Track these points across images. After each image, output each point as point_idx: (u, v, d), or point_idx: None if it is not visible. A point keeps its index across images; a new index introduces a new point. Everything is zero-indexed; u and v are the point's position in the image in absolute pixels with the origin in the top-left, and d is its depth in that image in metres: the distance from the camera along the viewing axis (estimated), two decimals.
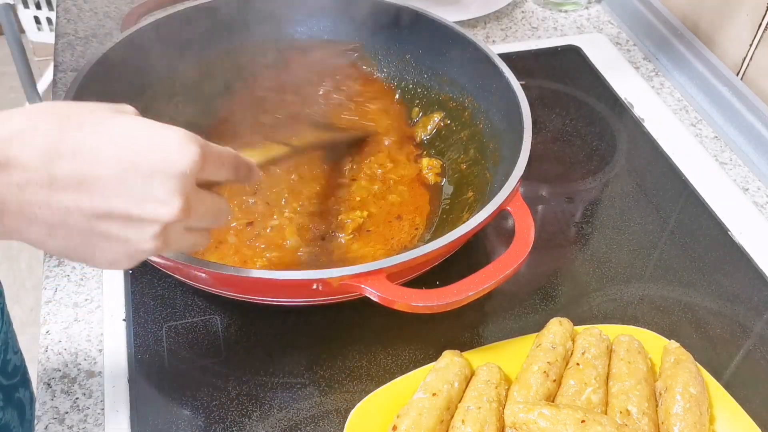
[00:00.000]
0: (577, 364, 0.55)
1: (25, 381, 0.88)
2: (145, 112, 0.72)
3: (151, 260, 0.57)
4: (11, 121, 0.40)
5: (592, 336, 0.57)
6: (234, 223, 0.66)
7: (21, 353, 0.88)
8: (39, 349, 0.61)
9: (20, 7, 1.95)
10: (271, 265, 0.63)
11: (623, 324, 0.61)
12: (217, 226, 0.47)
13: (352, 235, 0.67)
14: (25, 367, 0.88)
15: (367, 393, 0.55)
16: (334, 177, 0.72)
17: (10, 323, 0.85)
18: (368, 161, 0.74)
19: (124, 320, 0.62)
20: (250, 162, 0.49)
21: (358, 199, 0.70)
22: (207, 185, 0.45)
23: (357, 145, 0.75)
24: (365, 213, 0.68)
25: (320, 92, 0.80)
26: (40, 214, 0.40)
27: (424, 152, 0.76)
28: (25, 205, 0.40)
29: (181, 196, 0.42)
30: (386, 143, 0.75)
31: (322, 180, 0.71)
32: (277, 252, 0.65)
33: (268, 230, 0.66)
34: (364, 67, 0.82)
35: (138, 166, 0.41)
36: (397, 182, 0.72)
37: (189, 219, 0.43)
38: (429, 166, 0.74)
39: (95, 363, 0.60)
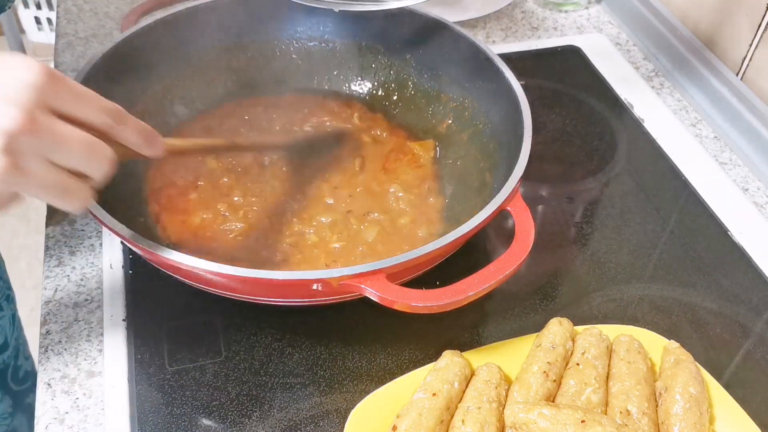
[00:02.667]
0: (577, 364, 0.55)
1: (36, 386, 0.88)
2: (146, 112, 0.73)
3: (150, 260, 0.57)
4: None
5: (592, 336, 0.57)
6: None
7: (32, 359, 0.88)
8: (39, 349, 0.61)
9: (20, 7, 1.96)
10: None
11: (623, 324, 0.61)
12: (93, 170, 0.45)
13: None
14: (36, 373, 0.88)
15: (367, 393, 0.55)
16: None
17: (21, 329, 0.85)
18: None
19: (124, 320, 0.62)
20: (141, 124, 0.48)
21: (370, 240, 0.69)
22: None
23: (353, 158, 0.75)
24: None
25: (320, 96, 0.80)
26: None
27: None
28: None
29: (22, 106, 0.40)
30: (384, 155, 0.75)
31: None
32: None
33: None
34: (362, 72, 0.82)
35: None
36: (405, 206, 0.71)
37: (40, 139, 0.41)
38: (421, 149, 0.74)
39: (95, 363, 0.60)
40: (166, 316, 0.63)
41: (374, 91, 0.82)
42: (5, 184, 0.42)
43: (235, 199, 0.69)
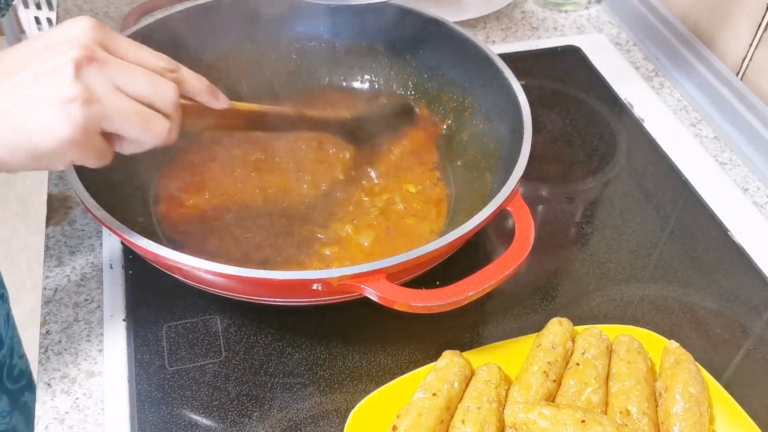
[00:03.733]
0: (577, 364, 0.55)
1: (30, 385, 0.88)
2: None
3: (150, 260, 0.57)
4: None
5: (592, 336, 0.57)
6: None
7: (26, 357, 0.88)
8: (39, 349, 0.61)
9: (20, 7, 1.95)
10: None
11: (623, 324, 0.61)
12: (163, 100, 0.47)
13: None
14: (30, 371, 0.88)
15: (367, 393, 0.55)
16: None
17: (15, 328, 0.85)
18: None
19: (124, 320, 0.62)
20: (197, 75, 0.51)
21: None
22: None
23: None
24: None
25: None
26: None
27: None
28: None
29: (80, 43, 0.44)
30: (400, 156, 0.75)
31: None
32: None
33: None
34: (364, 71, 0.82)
35: (44, 43, 0.45)
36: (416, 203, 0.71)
37: (105, 68, 0.44)
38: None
39: (95, 363, 0.60)
40: (166, 316, 0.63)
41: (374, 92, 0.82)
42: (87, 116, 0.43)
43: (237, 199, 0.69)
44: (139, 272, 0.66)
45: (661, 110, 0.87)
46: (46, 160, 0.44)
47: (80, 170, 0.56)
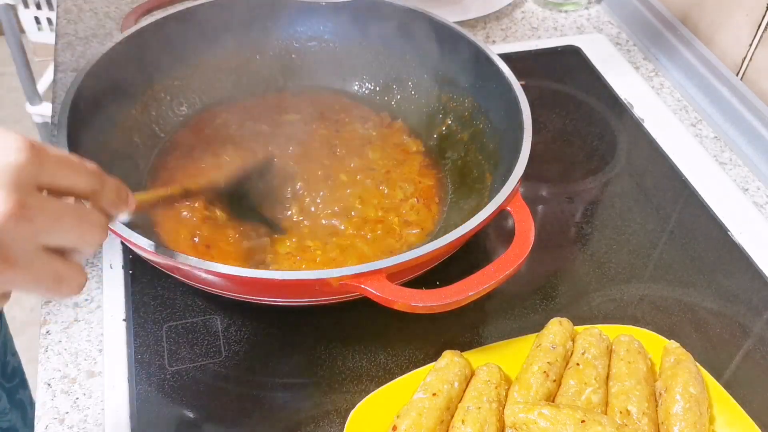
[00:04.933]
0: (577, 364, 0.55)
1: (24, 382, 0.88)
2: (145, 113, 0.73)
3: (150, 260, 0.57)
4: None
5: (592, 336, 0.57)
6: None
7: (17, 355, 0.88)
8: (39, 349, 0.61)
9: (20, 7, 1.95)
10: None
11: (623, 324, 0.61)
12: (88, 244, 0.40)
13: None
14: (22, 369, 0.88)
15: (367, 393, 0.55)
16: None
17: (7, 326, 0.85)
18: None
19: (124, 320, 0.62)
20: (117, 182, 0.43)
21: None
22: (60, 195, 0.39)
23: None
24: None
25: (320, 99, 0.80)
26: None
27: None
28: None
29: (12, 191, 0.35)
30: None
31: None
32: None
33: None
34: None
35: None
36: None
37: (32, 223, 0.36)
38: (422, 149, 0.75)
39: (95, 363, 0.60)
40: (166, 316, 0.63)
41: (374, 92, 0.82)
42: (18, 282, 0.37)
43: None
44: (139, 272, 0.66)
45: (661, 110, 0.87)
46: None
47: None
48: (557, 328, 0.57)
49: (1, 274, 0.36)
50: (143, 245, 0.52)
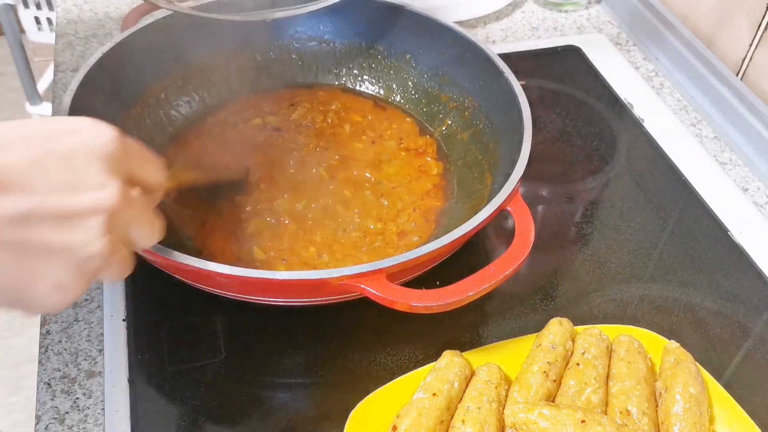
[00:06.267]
0: (577, 364, 0.55)
1: None
2: (145, 113, 0.73)
3: (150, 260, 0.57)
4: None
5: (592, 336, 0.57)
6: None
7: None
8: (39, 349, 0.61)
9: (20, 7, 1.95)
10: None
11: (623, 324, 0.61)
12: (149, 241, 0.42)
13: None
14: None
15: (367, 393, 0.55)
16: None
17: None
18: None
19: (124, 320, 0.62)
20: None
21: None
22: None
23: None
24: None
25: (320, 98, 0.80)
26: None
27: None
28: None
29: (115, 176, 0.36)
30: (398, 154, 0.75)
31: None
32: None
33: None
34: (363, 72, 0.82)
35: (52, 150, 0.35)
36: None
37: (129, 214, 0.38)
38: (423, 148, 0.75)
39: (95, 363, 0.60)
40: (166, 316, 0.63)
41: (374, 92, 0.82)
42: (96, 272, 0.37)
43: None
44: (139, 272, 0.65)
45: (661, 110, 0.87)
46: (22, 309, 0.37)
47: None
48: (557, 328, 0.57)
49: (103, 266, 0.37)
50: None
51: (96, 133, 0.37)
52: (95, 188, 0.35)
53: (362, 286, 0.52)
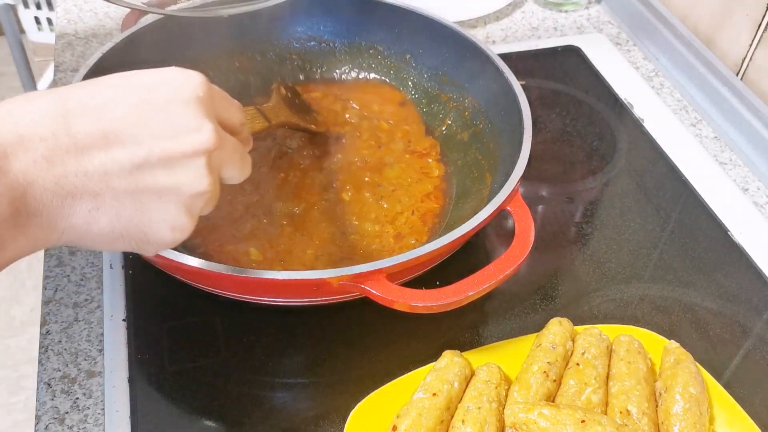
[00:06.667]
0: (577, 364, 0.55)
1: None
2: None
3: (151, 260, 0.57)
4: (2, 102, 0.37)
5: (592, 336, 0.57)
6: None
7: None
8: (39, 349, 0.61)
9: (20, 7, 1.95)
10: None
11: (623, 324, 0.61)
12: (241, 176, 0.44)
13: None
14: None
15: (367, 393, 0.55)
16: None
17: None
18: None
19: (124, 320, 0.62)
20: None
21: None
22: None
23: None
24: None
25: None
26: (80, 185, 0.36)
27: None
28: (61, 179, 0.36)
29: (209, 118, 0.39)
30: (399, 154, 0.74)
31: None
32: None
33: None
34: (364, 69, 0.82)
35: (149, 101, 0.38)
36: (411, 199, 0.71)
37: (223, 154, 0.41)
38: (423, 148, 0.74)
39: (95, 363, 0.60)
40: (166, 316, 0.63)
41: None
42: (203, 209, 0.41)
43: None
44: (139, 272, 0.66)
45: (661, 110, 0.87)
46: (146, 250, 0.41)
47: None
48: (557, 328, 0.57)
49: (209, 203, 0.41)
50: None
51: (185, 80, 0.40)
52: (193, 131, 0.39)
53: (362, 286, 0.52)
